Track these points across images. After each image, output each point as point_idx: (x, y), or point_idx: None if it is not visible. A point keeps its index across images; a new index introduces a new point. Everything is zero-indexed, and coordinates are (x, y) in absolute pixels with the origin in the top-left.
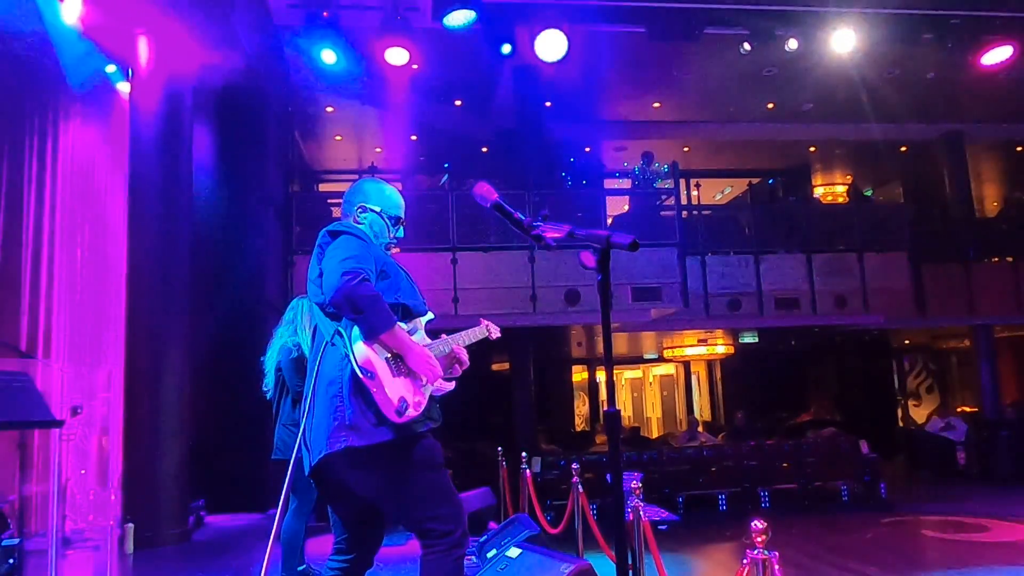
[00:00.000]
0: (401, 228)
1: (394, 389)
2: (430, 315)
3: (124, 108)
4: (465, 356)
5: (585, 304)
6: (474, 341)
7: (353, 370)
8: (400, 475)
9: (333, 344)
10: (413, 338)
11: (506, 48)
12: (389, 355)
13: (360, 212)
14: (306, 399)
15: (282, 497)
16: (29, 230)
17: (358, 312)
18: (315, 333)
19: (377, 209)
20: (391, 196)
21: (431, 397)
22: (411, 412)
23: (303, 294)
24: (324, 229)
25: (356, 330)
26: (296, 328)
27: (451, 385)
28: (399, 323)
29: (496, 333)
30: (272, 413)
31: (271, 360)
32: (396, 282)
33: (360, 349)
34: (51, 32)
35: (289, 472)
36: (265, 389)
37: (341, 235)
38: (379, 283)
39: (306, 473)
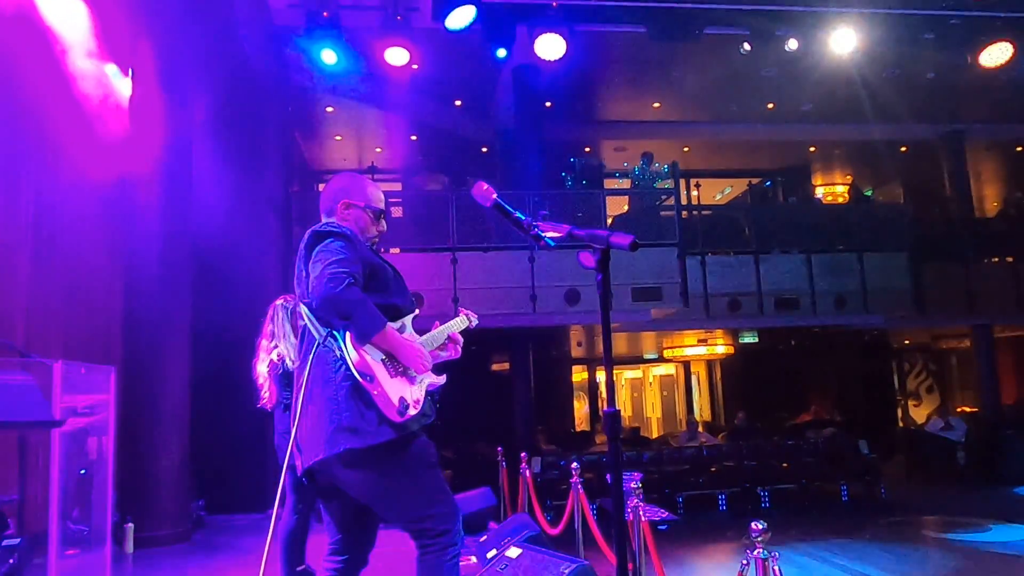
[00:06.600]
0: (384, 221)
1: (393, 390)
2: (416, 311)
3: (124, 108)
4: (459, 336)
5: (585, 304)
6: (458, 330)
7: (348, 372)
8: (395, 475)
9: (326, 346)
10: (403, 335)
11: (501, 52)
12: (383, 356)
13: (344, 209)
14: (296, 400)
15: (277, 500)
16: (28, 229)
17: (346, 318)
18: (304, 333)
19: (361, 204)
20: (372, 190)
21: (426, 392)
22: (411, 411)
23: (285, 296)
24: (310, 230)
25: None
26: (278, 341)
27: (443, 379)
28: (388, 323)
29: (475, 320)
30: (272, 422)
31: (263, 376)
32: (385, 282)
33: (355, 353)
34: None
35: (283, 476)
36: (264, 403)
37: (327, 237)
38: (368, 284)
39: (298, 474)
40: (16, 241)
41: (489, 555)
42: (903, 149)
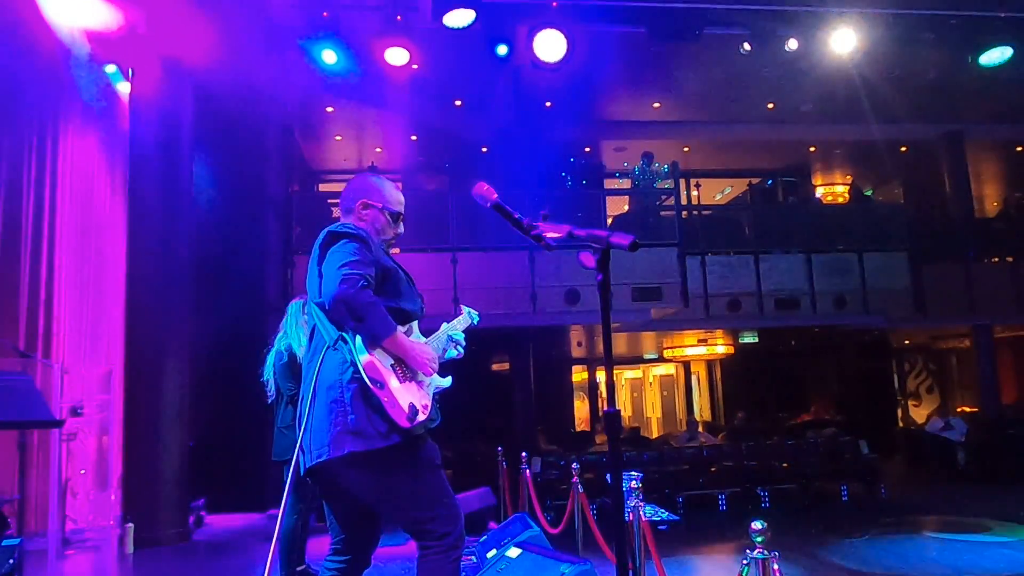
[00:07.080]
0: (402, 224)
1: (403, 396)
2: (422, 316)
3: (124, 109)
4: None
5: (585, 304)
6: (462, 328)
7: (357, 374)
8: (400, 478)
9: (335, 348)
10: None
11: (502, 49)
12: (393, 361)
13: (362, 208)
14: (304, 401)
15: (283, 500)
16: (28, 230)
17: (358, 320)
18: (314, 334)
19: (379, 205)
20: (391, 192)
21: (432, 397)
22: (420, 416)
23: (303, 294)
24: (326, 229)
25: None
26: (286, 332)
27: (448, 381)
28: (398, 327)
29: (476, 317)
30: (272, 417)
31: (269, 369)
32: (396, 285)
33: (366, 358)
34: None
35: (290, 475)
36: (270, 398)
37: (343, 238)
38: (380, 287)
39: (301, 474)
40: (16, 241)
41: (489, 555)
42: (903, 149)
